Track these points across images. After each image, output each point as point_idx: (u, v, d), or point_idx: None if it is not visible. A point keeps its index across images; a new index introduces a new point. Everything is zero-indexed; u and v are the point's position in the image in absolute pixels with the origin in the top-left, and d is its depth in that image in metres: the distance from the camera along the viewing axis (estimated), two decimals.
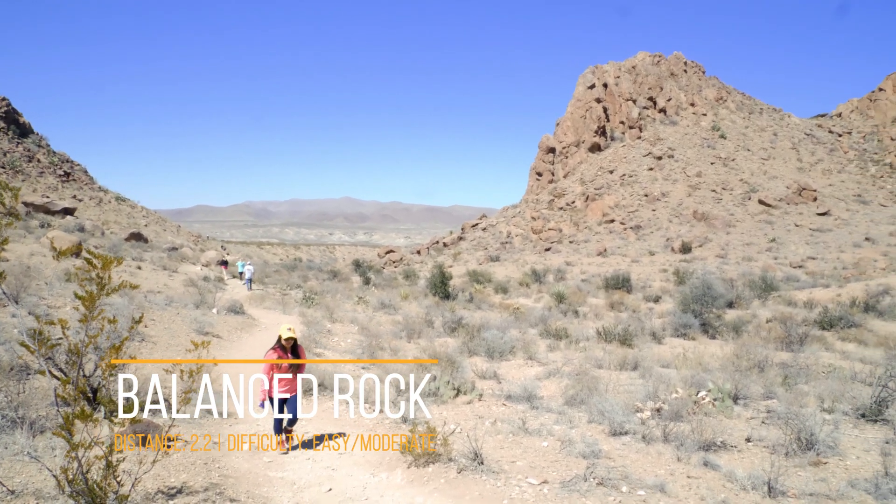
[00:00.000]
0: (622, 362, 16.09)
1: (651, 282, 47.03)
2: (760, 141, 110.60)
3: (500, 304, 31.49)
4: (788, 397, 11.70)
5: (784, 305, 33.49)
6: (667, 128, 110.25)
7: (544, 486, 6.96)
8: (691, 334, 23.22)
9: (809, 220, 78.09)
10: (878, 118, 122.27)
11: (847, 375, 14.89)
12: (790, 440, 8.42)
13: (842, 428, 9.56)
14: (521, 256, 73.62)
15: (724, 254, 63.98)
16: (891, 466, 7.38)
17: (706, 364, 16.25)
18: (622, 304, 31.91)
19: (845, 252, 61.06)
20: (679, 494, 6.76)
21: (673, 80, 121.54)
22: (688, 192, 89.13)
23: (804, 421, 8.61)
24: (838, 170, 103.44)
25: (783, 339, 22.05)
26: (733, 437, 9.09)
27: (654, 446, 8.54)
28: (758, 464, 7.76)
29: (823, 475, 7.57)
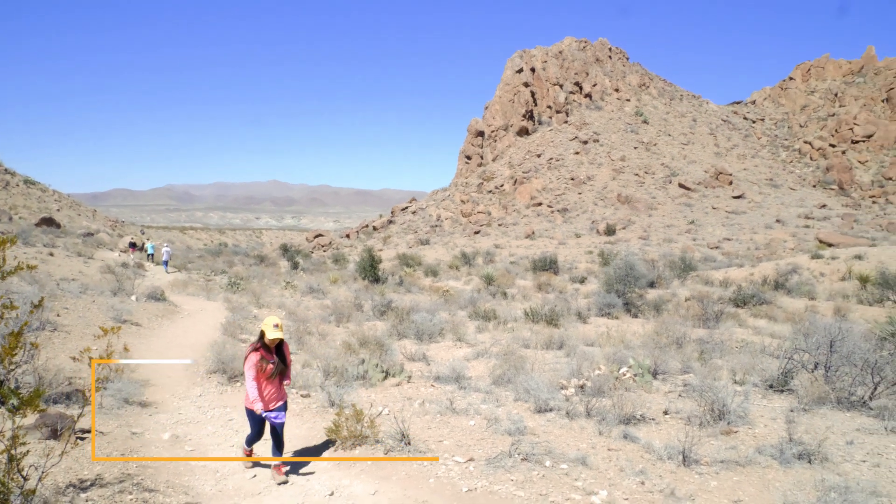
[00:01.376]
0: (548, 342, 16.42)
1: (577, 263, 48.18)
2: (680, 126, 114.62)
3: (429, 287, 31.58)
4: (704, 371, 12.22)
5: (702, 284, 34.91)
6: (592, 113, 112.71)
7: (470, 463, 7.05)
8: (615, 313, 23.90)
9: (725, 203, 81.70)
10: (788, 106, 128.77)
11: (757, 349, 15.70)
12: (704, 411, 8.82)
13: (752, 398, 10.07)
14: (450, 239, 74.01)
15: (647, 235, 66.19)
16: (794, 433, 7.83)
17: (628, 341, 16.78)
18: (549, 286, 32.55)
19: (758, 233, 64.28)
20: (600, 466, 6.98)
21: (598, 65, 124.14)
22: (612, 175, 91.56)
23: (717, 393, 9.03)
24: (752, 155, 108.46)
25: (700, 317, 22.97)
26: (652, 410, 9.44)
27: (578, 421, 8.77)
28: (674, 435, 8.09)
29: (734, 443, 7.97)
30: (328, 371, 11.50)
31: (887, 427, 8.50)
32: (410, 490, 6.44)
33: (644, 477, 6.64)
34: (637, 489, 6.37)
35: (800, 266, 40.70)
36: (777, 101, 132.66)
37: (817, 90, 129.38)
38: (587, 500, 6.09)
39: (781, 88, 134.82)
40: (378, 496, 6.33)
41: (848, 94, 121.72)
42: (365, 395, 10.36)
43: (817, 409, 9.51)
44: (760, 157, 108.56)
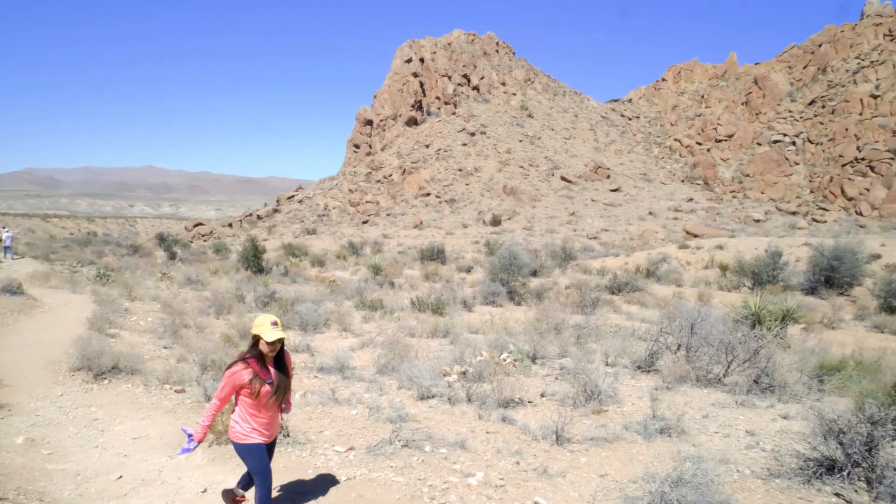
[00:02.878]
0: (434, 330, 16.61)
1: (464, 253, 49.02)
2: (563, 121, 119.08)
3: (316, 278, 31.06)
4: (579, 355, 12.82)
5: (581, 273, 36.46)
6: (480, 105, 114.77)
7: (351, 452, 7.03)
8: (499, 301, 24.51)
9: (604, 196, 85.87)
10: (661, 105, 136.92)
11: (629, 333, 16.67)
12: (577, 393, 9.27)
13: (621, 379, 10.69)
14: (338, 229, 73.09)
15: (531, 226, 68.39)
16: (657, 409, 8.39)
17: (511, 328, 17.26)
18: (436, 275, 32.90)
19: (632, 225, 68.06)
20: (478, 449, 7.17)
21: (486, 59, 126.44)
22: (498, 167, 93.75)
23: (590, 375, 9.50)
24: (628, 150, 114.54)
25: (579, 304, 23.98)
26: (530, 393, 9.80)
27: (459, 407, 8.96)
28: (550, 416, 8.43)
29: (604, 421, 8.43)
30: (205, 365, 11.05)
31: (737, 401, 9.30)
32: (289, 482, 6.34)
33: (520, 457, 6.89)
34: (512, 469, 6.61)
35: (669, 255, 43.48)
36: (651, 100, 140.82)
37: (686, 91, 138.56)
38: (464, 483, 6.24)
39: (655, 88, 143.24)
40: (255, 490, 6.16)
41: (713, 97, 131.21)
42: None
43: (679, 387, 10.24)
44: (636, 152, 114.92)
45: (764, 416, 8.64)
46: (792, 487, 6.10)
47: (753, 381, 10.08)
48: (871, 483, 5.82)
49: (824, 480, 6.07)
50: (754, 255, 35.47)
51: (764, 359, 10.32)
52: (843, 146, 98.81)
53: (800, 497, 5.90)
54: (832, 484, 6.01)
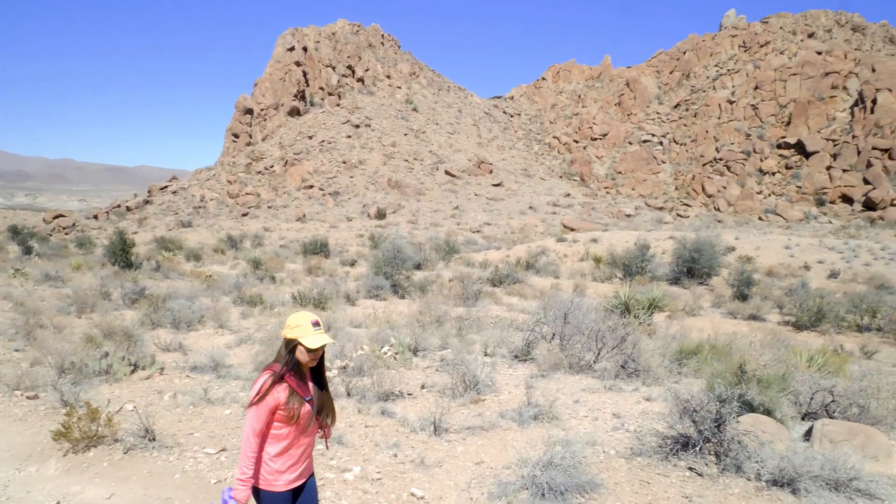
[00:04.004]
0: None
1: (348, 246, 48.52)
2: (447, 116, 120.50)
3: (191, 273, 29.61)
4: (460, 346, 13.04)
5: (464, 266, 37.06)
6: (364, 97, 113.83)
7: (222, 454, 6.76)
8: (383, 295, 24.45)
9: (486, 191, 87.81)
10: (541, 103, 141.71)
11: (507, 324, 17.17)
12: (456, 383, 9.42)
13: (499, 369, 10.99)
14: (216, 222, 70.08)
15: (415, 220, 68.77)
16: (532, 397, 8.69)
17: (394, 322, 17.26)
18: (320, 269, 32.35)
19: (514, 219, 70.09)
20: (355, 444, 7.12)
21: (371, 51, 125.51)
22: (383, 160, 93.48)
23: (468, 366, 9.69)
24: (510, 146, 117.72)
25: (461, 296, 24.39)
26: (410, 385, 9.84)
27: (339, 401, 8.84)
28: (429, 407, 8.51)
29: (481, 410, 8.62)
30: (63, 368, 10.24)
31: (606, 386, 9.81)
32: (153, 489, 5.99)
33: (397, 449, 6.91)
34: (390, 462, 6.61)
35: (548, 248, 45.17)
36: (532, 98, 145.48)
37: (565, 91, 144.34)
38: (340, 478, 6.18)
39: (535, 87, 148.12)
40: (115, 499, 5.78)
41: (589, 97, 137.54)
42: (108, 392, 9.41)
43: (553, 375, 10.66)
44: (517, 148, 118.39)
45: (629, 399, 9.17)
46: (651, 464, 6.51)
47: (621, 367, 10.68)
48: (719, 456, 6.33)
49: (680, 456, 6.53)
50: (625, 248, 37.57)
51: (630, 345, 10.95)
52: (704, 147, 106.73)
53: (658, 473, 6.31)
54: (686, 459, 6.47)
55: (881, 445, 6.44)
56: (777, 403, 7.32)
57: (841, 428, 6.59)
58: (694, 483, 6.05)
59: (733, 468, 6.18)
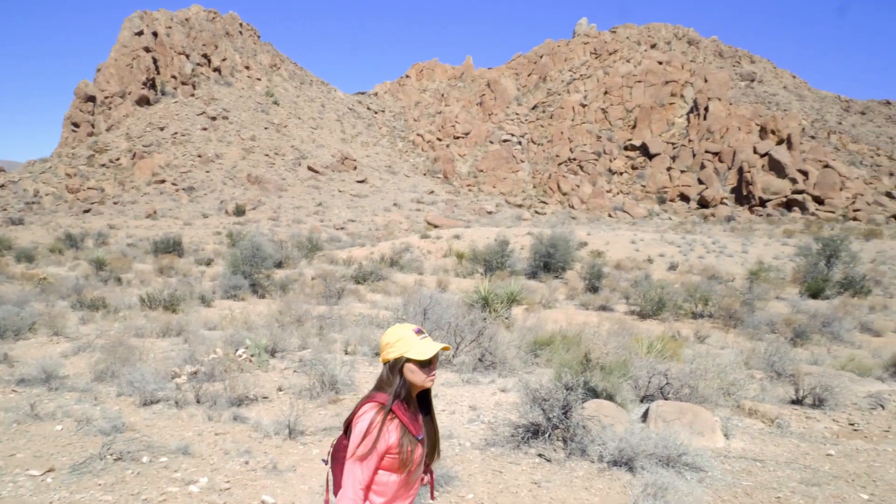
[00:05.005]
0: (166, 328, 15.36)
1: (204, 245, 46.24)
2: (310, 111, 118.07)
3: (22, 275, 26.86)
4: (321, 346, 12.79)
5: (327, 263, 36.53)
6: (222, 88, 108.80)
7: (49, 474, 6.14)
8: (241, 295, 23.54)
9: (350, 187, 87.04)
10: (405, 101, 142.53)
11: (371, 321, 17.09)
12: (314, 384, 9.21)
13: (359, 367, 10.89)
14: (53, 219, 64.05)
15: (277, 216, 66.81)
16: None
17: (252, 322, 16.64)
18: (172, 269, 30.56)
19: (378, 215, 70.02)
20: (203, 453, 6.74)
21: (228, 39, 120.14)
22: (242, 155, 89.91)
23: (327, 365, 9.50)
24: (374, 143, 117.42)
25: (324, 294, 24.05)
26: (266, 388, 9.50)
27: (187, 410, 8.36)
28: (286, 410, 8.25)
29: (339, 410, 8.49)
30: None
31: (464, 379, 10.01)
32: None
33: (249, 456, 6.63)
34: (240, 470, 6.32)
35: (412, 245, 45.54)
36: (396, 95, 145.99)
37: (428, 89, 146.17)
38: (185, 491, 5.81)
39: (399, 84, 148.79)
40: None
41: (452, 96, 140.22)
42: None
43: None
44: (381, 145, 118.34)
45: (486, 391, 9.42)
46: (504, 453, 6.71)
47: (478, 360, 10.95)
48: (566, 441, 6.65)
49: (530, 444, 6.78)
50: (486, 244, 38.65)
51: (487, 338, 11.25)
52: (559, 147, 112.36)
53: (510, 461, 6.51)
54: (536, 446, 6.74)
55: (707, 422, 7.06)
56: (618, 388, 7.81)
57: (673, 408, 7.16)
58: (543, 469, 6.31)
59: (579, 452, 6.51)
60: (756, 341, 17.69)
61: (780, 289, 29.37)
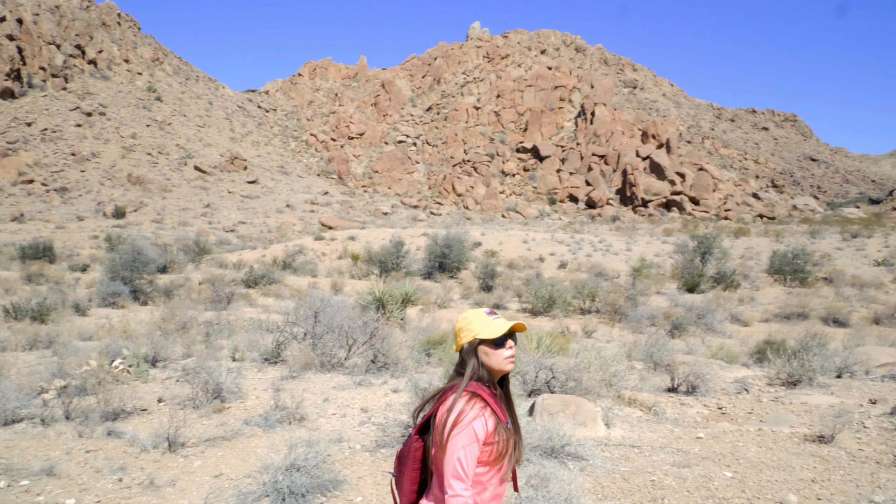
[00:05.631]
0: (33, 341, 14.26)
1: (79, 249, 43.28)
2: (196, 108, 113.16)
3: None
4: (207, 353, 12.27)
5: (216, 267, 35.23)
6: (98, 82, 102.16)
7: None
8: (121, 302, 22.30)
9: (241, 188, 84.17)
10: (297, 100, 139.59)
11: (261, 326, 16.61)
12: (197, 393, 8.82)
13: (247, 373, 10.53)
14: None
15: (161, 219, 63.56)
16: (280, 400, 8.44)
17: (132, 331, 15.77)
18: (42, 276, 28.40)
19: (270, 217, 68.15)
20: (72, 473, 6.27)
21: (105, 30, 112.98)
22: (122, 153, 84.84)
23: (211, 373, 9.12)
24: (265, 142, 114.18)
25: (213, 299, 23.21)
26: (145, 400, 8.99)
27: (54, 427, 7.75)
28: (166, 422, 7.83)
29: (225, 419, 8.16)
30: None
31: (356, 381, 9.91)
32: None
33: (123, 473, 6.23)
34: (113, 488, 5.93)
35: (306, 247, 44.71)
36: (288, 94, 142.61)
37: (322, 88, 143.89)
38: None
39: (292, 83, 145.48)
40: None
41: (346, 96, 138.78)
42: None
43: (304, 375, 10.49)
44: (273, 145, 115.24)
45: (378, 393, 9.37)
46: (394, 455, 6.69)
47: (371, 361, 10.88)
48: None
49: None
50: (381, 245, 38.56)
51: (380, 339, 11.20)
52: (454, 149, 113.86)
53: None
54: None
55: (588, 413, 7.36)
56: None
57: (557, 401, 7.41)
58: None
59: None
60: (638, 334, 18.66)
61: (660, 284, 31.13)
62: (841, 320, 22.06)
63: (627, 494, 5.71)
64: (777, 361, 10.59)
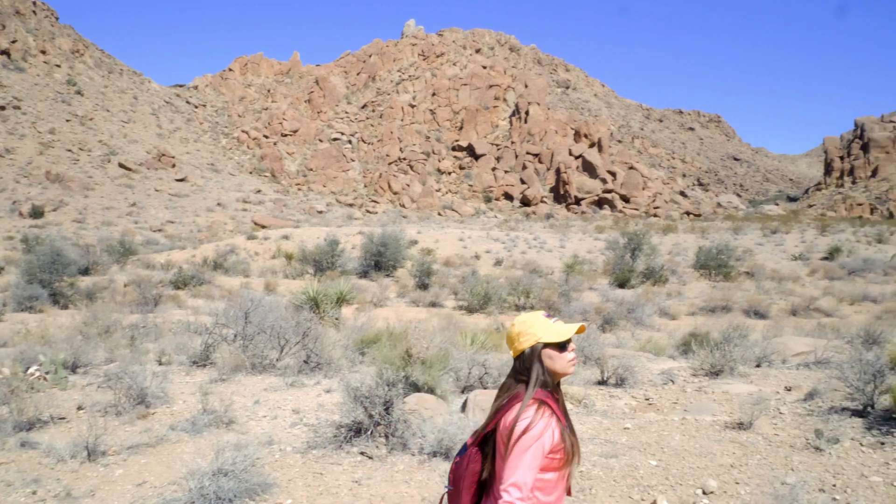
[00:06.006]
0: None
1: None
2: (121, 103, 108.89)
3: None
4: (131, 357, 11.83)
5: (143, 269, 34.12)
6: (12, 74, 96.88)
7: None
8: (39, 306, 21.31)
9: (169, 186, 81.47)
10: (228, 95, 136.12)
11: (191, 329, 16.13)
12: (120, 399, 8.48)
13: (174, 377, 10.20)
14: None
15: (83, 218, 60.89)
16: (208, 403, 8.21)
17: (51, 336, 15.09)
18: None
19: (200, 216, 66.26)
20: None
21: (19, 19, 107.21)
22: (39, 149, 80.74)
23: (135, 378, 8.78)
24: (195, 139, 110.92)
25: (139, 302, 22.45)
26: (64, 408, 8.60)
27: None
28: (86, 431, 7.51)
29: (150, 425, 7.89)
30: None
31: (288, 382, 9.74)
32: None
33: (38, 485, 5.93)
34: (26, 502, 5.65)
35: (238, 246, 43.71)
36: (218, 89, 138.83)
37: (254, 84, 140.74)
38: None
39: (222, 78, 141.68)
40: None
41: (279, 92, 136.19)
42: None
43: (234, 377, 10.24)
44: (203, 141, 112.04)
45: (310, 393, 9.24)
46: (326, 455, 6.62)
47: (304, 362, 10.71)
48: (388, 437, 6.70)
49: (353, 443, 6.75)
50: (316, 244, 38.07)
51: (313, 339, 11.04)
52: (389, 147, 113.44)
53: (332, 462, 6.44)
54: (359, 444, 6.72)
55: None
56: (439, 381, 8.02)
57: (489, 396, 7.48)
58: (364, 467, 6.31)
59: (400, 446, 6.59)
60: None
61: (592, 280, 31.90)
62: (761, 312, 23.13)
63: None
64: (701, 353, 10.99)
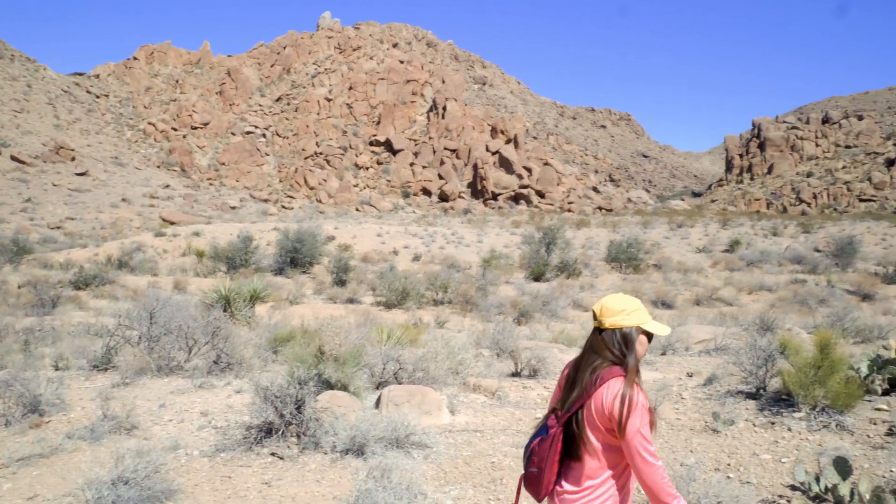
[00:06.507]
0: None
1: None
2: (12, 91, 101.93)
3: None
4: (24, 363, 11.12)
5: (40, 268, 32.32)
6: None
7: None
8: None
9: (68, 180, 76.98)
10: (133, 85, 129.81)
11: (91, 330, 15.32)
12: (10, 407, 7.95)
13: (72, 383, 9.66)
14: None
15: None
16: (109, 409, 7.81)
17: None
18: None
19: (104, 212, 63.01)
20: None
21: None
22: None
23: (27, 384, 8.25)
24: (97, 131, 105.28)
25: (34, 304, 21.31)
26: None
27: None
28: None
29: (43, 434, 7.43)
30: None
31: (197, 384, 9.40)
32: None
33: None
34: None
35: (144, 244, 41.87)
36: (122, 78, 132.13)
37: (160, 74, 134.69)
38: None
39: (126, 67, 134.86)
40: None
41: (188, 83, 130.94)
42: None
43: (138, 381, 9.79)
44: (105, 133, 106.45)
45: (220, 395, 8.95)
46: (235, 457, 6.44)
47: (213, 362, 10.37)
48: (300, 437, 6.59)
49: (263, 444, 6.60)
50: (229, 240, 36.99)
51: (223, 339, 10.70)
52: (305, 141, 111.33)
53: (241, 464, 6.27)
54: (270, 445, 6.57)
55: (434, 401, 7.51)
56: (352, 378, 7.95)
57: (403, 391, 7.49)
58: (275, 467, 6.18)
59: (312, 445, 6.49)
60: (487, 322, 19.33)
61: (509, 274, 32.47)
62: (668, 302, 24.24)
63: (468, 478, 5.89)
64: None
